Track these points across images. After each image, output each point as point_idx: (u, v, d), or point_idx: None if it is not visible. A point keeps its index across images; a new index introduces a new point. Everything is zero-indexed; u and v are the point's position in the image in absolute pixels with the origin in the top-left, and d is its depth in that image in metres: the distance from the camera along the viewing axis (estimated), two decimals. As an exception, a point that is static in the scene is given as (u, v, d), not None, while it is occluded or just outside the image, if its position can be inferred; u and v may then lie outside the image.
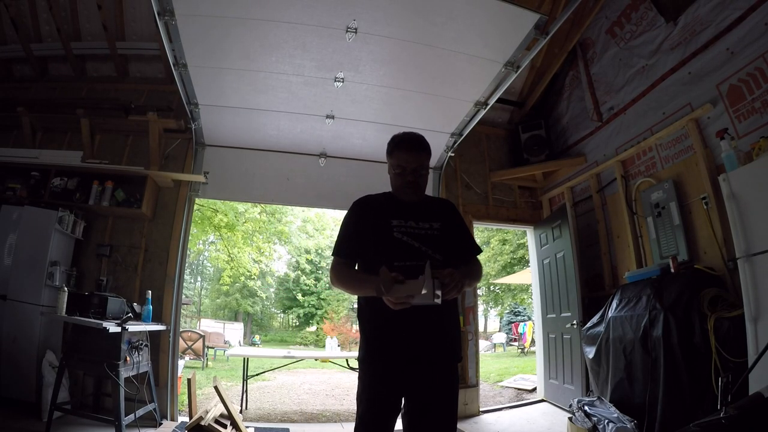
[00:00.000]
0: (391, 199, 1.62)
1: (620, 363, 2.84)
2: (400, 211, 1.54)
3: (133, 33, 4.17)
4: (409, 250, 1.46)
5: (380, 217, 1.52)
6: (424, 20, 2.69)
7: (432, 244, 1.49)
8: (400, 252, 1.46)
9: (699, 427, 1.03)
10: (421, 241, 1.48)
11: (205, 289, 23.88)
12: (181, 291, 3.87)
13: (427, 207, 1.62)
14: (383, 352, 1.45)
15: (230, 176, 4.06)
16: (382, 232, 1.49)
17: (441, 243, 1.51)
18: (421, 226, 1.52)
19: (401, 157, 1.54)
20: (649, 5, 3.38)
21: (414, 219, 1.53)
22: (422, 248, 1.47)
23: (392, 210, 1.55)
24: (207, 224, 10.54)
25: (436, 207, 1.66)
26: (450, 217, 1.64)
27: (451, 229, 1.59)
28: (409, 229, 1.50)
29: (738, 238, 2.15)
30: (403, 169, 1.54)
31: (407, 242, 1.47)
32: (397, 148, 1.56)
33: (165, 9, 2.48)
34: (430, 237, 1.51)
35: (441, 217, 1.59)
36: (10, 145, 3.95)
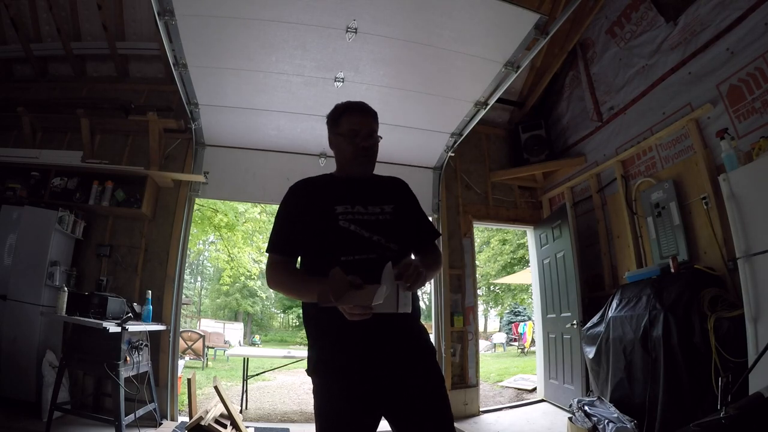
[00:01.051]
0: (334, 181, 1.39)
1: (620, 363, 2.84)
2: (346, 195, 1.30)
3: (133, 33, 4.17)
4: (358, 240, 1.23)
5: (322, 204, 1.28)
6: (424, 20, 2.69)
7: (385, 231, 1.26)
8: (348, 244, 1.22)
9: (699, 427, 1.03)
10: (372, 230, 1.25)
11: (205, 289, 23.88)
12: (181, 291, 3.86)
13: (376, 187, 1.38)
14: (338, 359, 1.19)
15: (230, 176, 4.06)
16: (324, 221, 1.25)
17: (395, 230, 1.28)
18: (370, 211, 1.29)
19: (353, 120, 1.34)
20: (649, 5, 3.38)
21: (362, 203, 1.29)
22: (373, 238, 1.24)
23: (336, 193, 1.31)
24: (207, 224, 10.54)
25: (387, 186, 1.43)
26: (403, 197, 1.42)
27: (405, 212, 1.37)
28: (357, 216, 1.26)
29: (738, 238, 2.15)
30: (356, 133, 1.32)
31: (355, 232, 1.23)
32: (348, 111, 1.36)
33: (165, 9, 2.48)
34: (382, 223, 1.28)
35: (393, 197, 1.36)
36: (10, 145, 3.96)
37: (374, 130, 1.37)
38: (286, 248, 1.30)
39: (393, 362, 1.18)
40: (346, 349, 1.18)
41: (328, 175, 1.43)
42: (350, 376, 1.17)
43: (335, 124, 1.38)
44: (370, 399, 1.17)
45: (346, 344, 1.18)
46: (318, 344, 1.26)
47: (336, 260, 1.16)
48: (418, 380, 1.20)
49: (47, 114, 3.93)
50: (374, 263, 1.12)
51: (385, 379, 1.17)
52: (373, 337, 1.17)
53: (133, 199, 3.72)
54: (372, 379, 1.17)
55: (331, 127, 1.40)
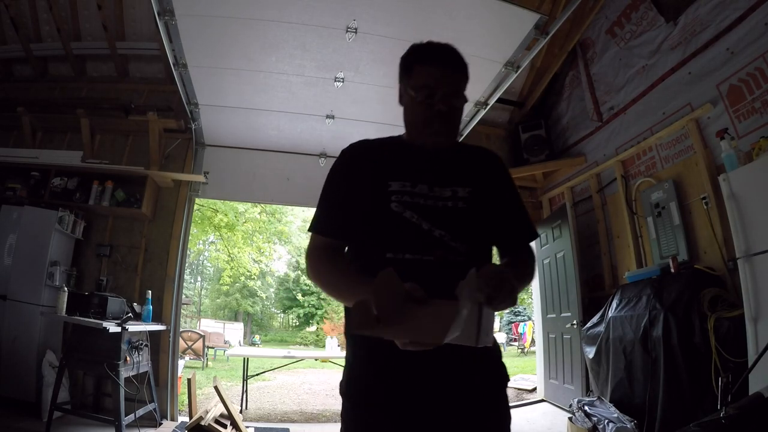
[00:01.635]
0: (397, 147, 1.03)
1: (620, 363, 2.84)
2: (407, 168, 0.97)
3: (133, 33, 4.17)
4: (413, 233, 0.90)
5: (375, 176, 0.96)
6: (424, 20, 2.68)
7: (452, 225, 0.91)
8: (398, 237, 0.90)
9: (699, 427, 1.03)
10: (435, 221, 0.91)
11: (205, 289, 23.89)
12: (181, 291, 3.87)
13: (454, 161, 1.02)
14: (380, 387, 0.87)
15: (230, 176, 4.06)
16: (374, 200, 0.94)
17: (468, 224, 0.93)
18: (437, 193, 0.94)
19: (430, 73, 0.94)
20: (649, 5, 3.38)
21: (427, 181, 0.95)
22: (434, 232, 0.90)
23: (395, 164, 0.98)
24: (207, 224, 10.56)
25: (468, 161, 1.04)
26: (489, 177, 1.03)
27: (488, 200, 0.99)
28: (418, 199, 0.93)
29: (738, 238, 2.15)
30: (431, 93, 0.93)
31: (410, 221, 0.91)
32: (423, 60, 0.96)
33: (165, 9, 2.48)
34: (451, 213, 0.93)
35: (473, 177, 0.99)
36: (10, 145, 3.96)
37: (460, 89, 0.97)
38: (331, 229, 0.97)
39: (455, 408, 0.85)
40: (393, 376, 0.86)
41: (394, 138, 1.07)
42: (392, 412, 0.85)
43: (407, 72, 0.99)
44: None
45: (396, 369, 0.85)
46: (357, 360, 0.93)
47: (380, 258, 0.88)
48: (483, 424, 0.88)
49: (47, 114, 3.93)
50: (429, 269, 0.86)
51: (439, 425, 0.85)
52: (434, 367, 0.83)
53: (133, 199, 3.72)
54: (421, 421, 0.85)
55: (402, 75, 1.02)
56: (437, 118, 0.94)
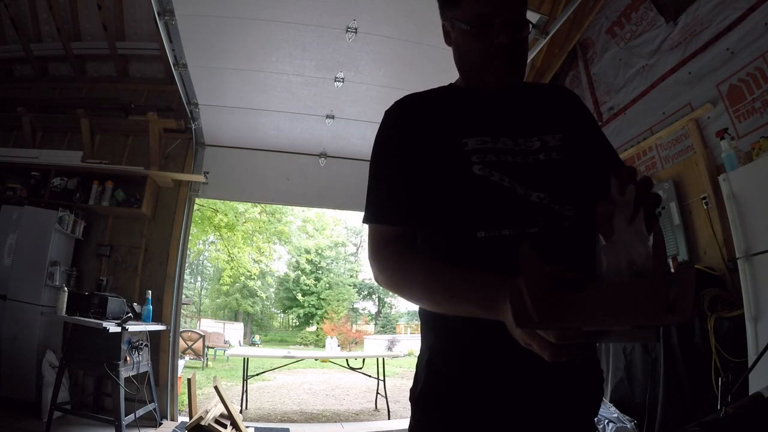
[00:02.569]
0: (458, 95, 0.83)
1: (620, 363, 2.84)
2: (481, 119, 0.77)
3: (133, 33, 4.17)
4: (507, 201, 0.70)
5: (442, 134, 0.76)
6: (424, 20, 2.68)
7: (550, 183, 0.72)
8: (491, 207, 0.70)
9: (699, 427, 1.03)
10: (529, 180, 0.71)
11: (205, 289, 23.90)
12: (181, 291, 3.87)
13: (531, 104, 0.82)
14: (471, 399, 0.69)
15: (230, 176, 4.06)
16: (450, 165, 0.73)
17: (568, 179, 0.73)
18: (523, 146, 0.74)
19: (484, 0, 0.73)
20: (649, 5, 3.37)
21: (510, 132, 0.75)
22: (531, 195, 0.70)
23: (464, 117, 0.78)
24: (207, 224, 10.56)
25: (550, 102, 0.84)
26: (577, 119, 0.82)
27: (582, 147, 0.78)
28: (503, 156, 0.73)
29: (738, 238, 2.15)
30: (488, 23, 0.73)
31: (501, 185, 0.70)
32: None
33: (165, 9, 2.48)
34: (546, 168, 0.73)
35: (560, 121, 0.79)
36: (10, 145, 3.96)
37: (522, 15, 0.77)
38: (395, 214, 0.75)
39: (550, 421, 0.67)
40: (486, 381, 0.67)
41: (446, 88, 0.86)
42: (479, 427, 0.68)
43: (453, 3, 0.78)
44: None
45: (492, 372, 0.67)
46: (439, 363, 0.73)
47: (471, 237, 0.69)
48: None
49: (47, 114, 3.94)
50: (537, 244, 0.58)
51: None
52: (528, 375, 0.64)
53: (133, 199, 3.72)
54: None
55: (445, 8, 0.81)
56: (499, 52, 0.74)
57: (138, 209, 3.69)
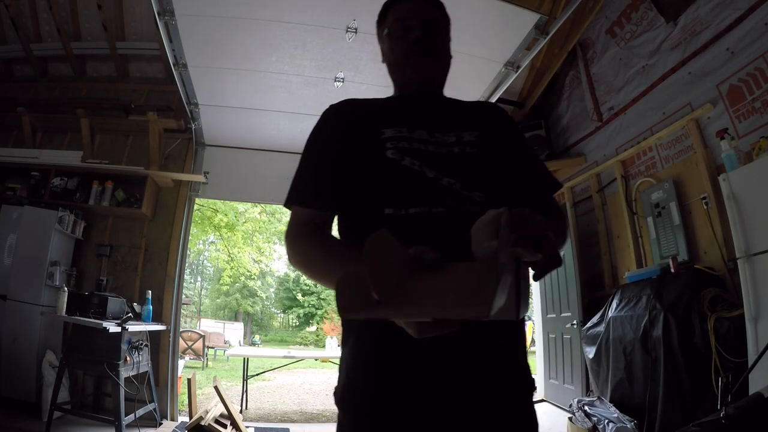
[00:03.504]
0: (390, 98, 0.95)
1: (620, 363, 2.84)
2: (403, 114, 0.84)
3: (133, 33, 4.17)
4: (416, 183, 0.74)
5: (365, 127, 0.82)
6: (424, 20, 2.69)
7: (462, 170, 0.76)
8: (398, 188, 0.74)
9: (699, 427, 1.03)
10: (441, 168, 0.75)
11: (205, 289, 23.90)
12: (181, 291, 3.87)
13: (452, 108, 0.90)
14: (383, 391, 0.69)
15: (230, 176, 4.06)
16: (367, 151, 0.79)
17: (481, 169, 0.78)
18: (439, 139, 0.79)
19: (401, 7, 0.89)
20: (649, 5, 3.38)
21: (427, 126, 0.81)
22: (442, 180, 0.74)
23: (390, 113, 0.86)
24: (207, 224, 10.56)
25: (470, 109, 0.92)
26: (498, 124, 0.89)
27: (500, 145, 0.84)
28: (417, 144, 0.78)
29: (738, 238, 2.15)
30: (406, 27, 0.86)
31: (411, 168, 0.75)
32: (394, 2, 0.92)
33: (165, 9, 2.48)
34: (459, 158, 0.78)
35: (480, 123, 0.85)
36: (10, 145, 3.96)
37: (435, 18, 0.91)
38: (312, 197, 0.80)
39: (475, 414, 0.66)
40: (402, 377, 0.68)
41: (382, 98, 0.96)
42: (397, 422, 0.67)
43: (381, 23, 0.94)
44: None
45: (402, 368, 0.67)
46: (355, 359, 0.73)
47: (378, 214, 0.72)
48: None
49: (47, 114, 3.94)
50: (440, 224, 0.69)
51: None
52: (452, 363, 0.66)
53: (133, 199, 3.73)
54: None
55: (378, 29, 0.96)
56: (415, 47, 0.86)
57: (138, 209, 3.69)
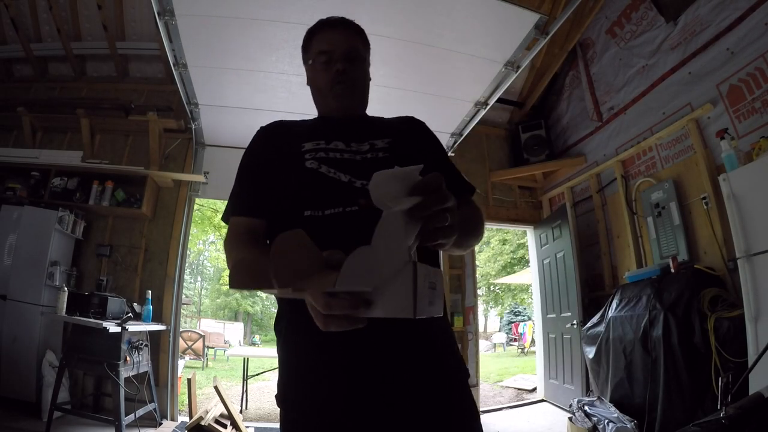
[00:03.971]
0: (314, 119, 1.04)
1: (620, 363, 2.84)
2: (323, 131, 0.93)
3: (133, 33, 4.17)
4: (331, 186, 0.82)
5: (290, 143, 0.92)
6: (424, 20, 2.68)
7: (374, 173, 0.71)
8: (315, 192, 0.82)
9: (699, 427, 1.03)
10: (354, 172, 0.83)
11: (205, 289, 23.89)
12: (181, 291, 3.87)
13: (368, 123, 1.00)
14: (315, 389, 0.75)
15: (230, 176, 3.92)
16: (289, 163, 0.88)
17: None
18: (354, 148, 0.88)
19: (324, 38, 0.97)
20: (649, 5, 3.38)
21: (343, 138, 0.90)
22: (355, 183, 0.82)
23: (310, 130, 0.95)
24: (207, 224, 10.56)
25: (386, 122, 1.01)
26: (411, 132, 0.98)
27: (412, 150, 0.91)
28: (333, 154, 0.87)
29: (738, 238, 2.15)
30: (329, 56, 0.95)
31: (326, 174, 0.83)
32: (317, 29, 1.00)
33: (165, 9, 2.48)
34: (371, 163, 0.85)
35: (392, 131, 0.94)
36: (10, 145, 3.96)
37: (356, 49, 0.98)
38: (242, 206, 0.88)
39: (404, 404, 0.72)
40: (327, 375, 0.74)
41: (309, 119, 1.06)
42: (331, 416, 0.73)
43: (306, 49, 1.01)
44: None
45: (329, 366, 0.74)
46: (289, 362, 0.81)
47: (298, 217, 0.79)
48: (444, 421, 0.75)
49: (47, 114, 3.93)
50: (354, 221, 0.76)
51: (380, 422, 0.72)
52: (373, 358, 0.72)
53: (133, 199, 3.72)
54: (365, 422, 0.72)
55: (303, 56, 1.03)
56: (337, 78, 0.94)
57: (138, 209, 3.69)
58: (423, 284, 0.47)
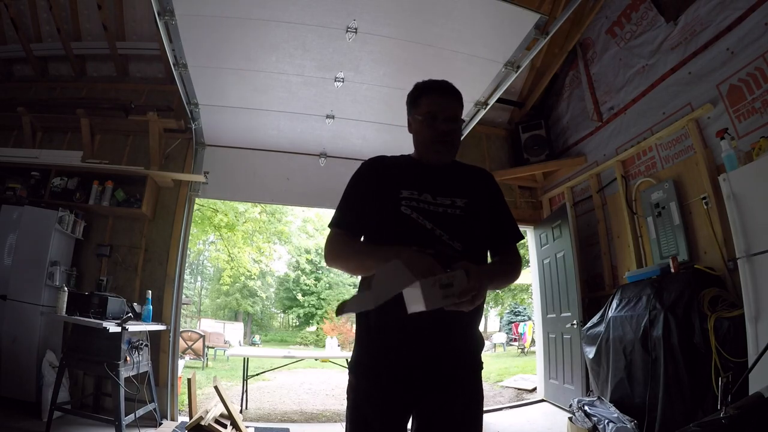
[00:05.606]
0: (408, 163, 1.28)
1: (620, 363, 2.84)
2: (415, 180, 1.19)
3: (133, 33, 4.17)
4: (418, 231, 1.11)
5: (389, 185, 1.18)
6: (424, 20, 2.69)
7: (450, 227, 1.13)
8: (405, 233, 1.11)
9: (699, 427, 1.03)
10: (436, 222, 1.12)
11: (205, 289, 23.88)
12: (181, 291, 3.87)
13: (453, 177, 1.26)
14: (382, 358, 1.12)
15: (230, 176, 4.06)
16: (386, 203, 1.15)
17: (463, 226, 1.15)
18: (439, 201, 1.16)
19: (433, 101, 1.20)
20: (649, 5, 3.37)
21: (431, 191, 1.17)
22: (435, 231, 1.12)
23: (405, 177, 1.20)
24: (207, 224, 10.56)
25: (466, 178, 1.28)
26: (482, 190, 1.27)
27: (481, 208, 1.21)
28: (422, 204, 1.14)
29: (738, 238, 2.15)
30: (435, 117, 1.19)
31: (416, 220, 1.12)
32: (427, 91, 1.23)
33: (165, 9, 2.48)
34: (450, 218, 1.15)
35: (470, 191, 1.22)
36: (10, 145, 3.96)
37: (457, 114, 1.23)
38: (352, 227, 1.19)
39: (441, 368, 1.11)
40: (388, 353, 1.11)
41: (405, 156, 1.31)
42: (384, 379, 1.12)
43: (414, 104, 1.26)
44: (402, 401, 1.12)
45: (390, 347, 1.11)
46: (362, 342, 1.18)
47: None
48: (456, 403, 1.12)
49: (47, 114, 3.93)
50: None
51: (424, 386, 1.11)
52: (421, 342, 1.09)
53: (133, 199, 3.72)
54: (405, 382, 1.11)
55: (409, 107, 1.29)
56: (440, 137, 1.19)
57: (138, 209, 3.69)
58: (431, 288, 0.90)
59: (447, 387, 1.11)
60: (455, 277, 0.91)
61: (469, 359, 1.17)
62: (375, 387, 1.12)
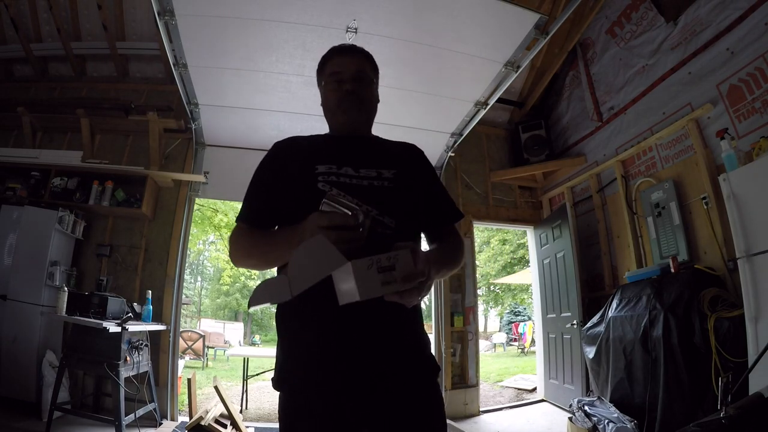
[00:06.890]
0: (324, 139, 1.14)
1: (620, 363, 2.84)
2: (333, 153, 1.04)
3: (133, 33, 4.17)
4: None
5: (303, 163, 1.02)
6: (424, 20, 2.69)
7: (379, 200, 0.96)
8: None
9: (699, 427, 1.03)
10: (362, 197, 0.92)
11: (205, 289, 23.87)
12: (181, 291, 3.86)
13: (377, 148, 1.13)
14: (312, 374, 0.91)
15: (230, 176, 4.06)
16: (302, 182, 0.99)
17: (394, 200, 0.99)
18: (363, 174, 1.00)
19: (335, 61, 1.10)
20: (649, 5, 3.38)
21: (353, 164, 1.01)
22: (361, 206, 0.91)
23: (322, 152, 1.05)
24: (207, 224, 10.56)
25: (391, 149, 1.14)
26: (412, 163, 1.12)
27: (413, 181, 1.06)
28: (343, 179, 0.98)
29: (738, 238, 2.15)
30: (339, 77, 1.07)
31: None
32: (331, 54, 1.12)
33: (165, 9, 2.48)
34: (378, 190, 0.99)
35: (398, 162, 1.07)
36: (10, 145, 3.96)
37: (363, 71, 1.10)
38: (258, 217, 1.04)
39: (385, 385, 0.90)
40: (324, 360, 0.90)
41: (320, 135, 1.16)
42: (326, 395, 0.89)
43: (320, 71, 1.15)
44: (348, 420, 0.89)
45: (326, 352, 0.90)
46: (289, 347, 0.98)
47: None
48: (415, 415, 0.92)
49: (47, 114, 3.93)
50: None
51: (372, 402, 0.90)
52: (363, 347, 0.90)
53: (133, 199, 3.72)
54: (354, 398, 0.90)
55: (318, 77, 1.16)
56: (346, 97, 1.06)
57: (138, 209, 3.69)
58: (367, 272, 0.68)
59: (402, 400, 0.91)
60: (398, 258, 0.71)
61: (427, 362, 0.99)
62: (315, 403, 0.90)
